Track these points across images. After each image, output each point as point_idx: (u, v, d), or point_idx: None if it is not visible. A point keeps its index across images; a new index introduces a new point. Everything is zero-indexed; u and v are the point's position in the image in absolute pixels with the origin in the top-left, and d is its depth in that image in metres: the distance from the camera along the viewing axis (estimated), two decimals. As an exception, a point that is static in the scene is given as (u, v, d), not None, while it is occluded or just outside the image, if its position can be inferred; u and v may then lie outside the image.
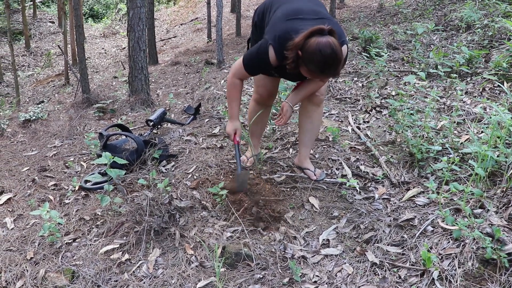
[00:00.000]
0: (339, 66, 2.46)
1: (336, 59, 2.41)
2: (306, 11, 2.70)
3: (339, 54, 2.41)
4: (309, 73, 2.53)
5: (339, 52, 2.41)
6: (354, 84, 5.24)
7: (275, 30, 2.65)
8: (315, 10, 2.72)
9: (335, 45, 2.40)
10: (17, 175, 4.05)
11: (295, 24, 2.57)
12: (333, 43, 2.39)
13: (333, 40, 2.41)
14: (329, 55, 2.39)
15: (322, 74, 2.50)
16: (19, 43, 16.72)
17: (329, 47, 2.38)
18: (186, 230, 2.82)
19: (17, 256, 2.76)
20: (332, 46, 2.38)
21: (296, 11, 2.70)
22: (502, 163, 2.85)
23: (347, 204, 2.95)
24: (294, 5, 2.77)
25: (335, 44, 2.40)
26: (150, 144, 3.73)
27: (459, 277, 2.15)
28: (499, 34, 5.67)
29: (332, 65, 2.43)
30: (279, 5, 2.85)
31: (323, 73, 2.49)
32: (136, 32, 5.87)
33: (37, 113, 6.11)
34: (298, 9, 2.72)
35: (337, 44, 2.41)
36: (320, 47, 2.39)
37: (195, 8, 21.21)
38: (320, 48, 2.39)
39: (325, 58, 2.39)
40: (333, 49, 2.38)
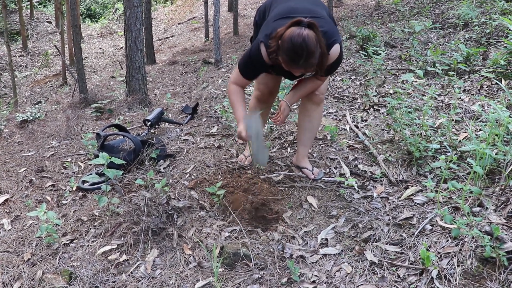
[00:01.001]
0: (311, 58, 2.45)
1: (306, 50, 2.40)
2: (301, 10, 2.70)
3: (310, 46, 2.40)
4: (283, 63, 2.55)
5: (310, 44, 2.40)
6: (352, 83, 5.24)
7: (266, 29, 2.68)
8: (311, 9, 2.72)
9: (309, 36, 2.40)
10: (14, 176, 4.04)
11: (286, 22, 2.57)
12: (307, 34, 2.40)
13: (309, 32, 2.41)
14: (298, 45, 2.39)
15: (293, 63, 2.50)
16: (16, 43, 16.68)
17: (300, 36, 2.39)
18: (184, 230, 2.81)
19: (14, 258, 2.75)
20: (304, 36, 2.39)
21: (290, 10, 2.71)
22: (500, 161, 2.84)
23: (345, 203, 2.94)
24: (290, 4, 2.78)
25: (308, 36, 2.40)
26: (148, 144, 3.72)
27: (458, 275, 2.14)
28: (496, 32, 5.66)
29: (301, 55, 2.43)
30: (277, 4, 2.87)
31: (293, 62, 2.49)
32: (133, 31, 5.85)
33: (35, 114, 6.10)
34: (292, 8, 2.73)
35: (311, 36, 2.41)
36: (292, 36, 2.41)
37: (192, 7, 21.20)
38: (292, 37, 2.41)
39: (294, 47, 2.41)
40: (304, 39, 2.39)
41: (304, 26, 2.43)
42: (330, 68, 2.76)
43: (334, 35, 2.64)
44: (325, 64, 2.62)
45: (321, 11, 2.78)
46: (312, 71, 2.70)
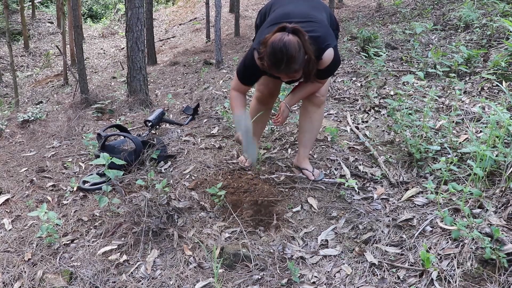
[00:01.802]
0: (291, 63, 2.47)
1: (286, 55, 2.43)
2: (296, 14, 2.73)
3: (290, 51, 2.42)
4: (267, 68, 2.58)
5: (290, 49, 2.42)
6: (353, 84, 5.24)
7: (260, 35, 2.71)
8: (307, 13, 2.74)
9: (290, 42, 2.42)
10: (15, 176, 4.04)
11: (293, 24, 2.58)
12: (288, 40, 2.42)
13: (291, 37, 2.44)
14: (279, 49, 2.43)
15: (274, 68, 2.53)
16: (18, 44, 16.71)
17: (281, 41, 2.42)
18: (185, 231, 2.81)
19: (15, 258, 2.75)
20: (285, 41, 2.42)
21: (284, 15, 2.74)
22: (501, 162, 2.84)
23: (345, 205, 2.94)
24: (286, 9, 2.81)
25: (289, 41, 2.42)
26: (148, 145, 3.72)
27: (458, 277, 2.14)
28: (497, 34, 5.66)
29: (281, 60, 2.45)
30: (275, 8, 2.91)
31: (275, 67, 2.52)
32: (134, 32, 5.86)
33: (36, 114, 6.10)
34: (287, 13, 2.75)
35: (293, 41, 2.43)
36: (273, 41, 2.45)
37: (193, 8, 21.21)
38: (273, 42, 2.45)
39: (275, 52, 2.44)
40: (284, 44, 2.41)
41: (288, 31, 2.46)
42: (326, 71, 2.78)
43: (327, 39, 2.65)
44: (313, 70, 2.65)
45: (319, 15, 2.79)
46: (299, 77, 2.72)
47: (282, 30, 2.48)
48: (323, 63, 2.68)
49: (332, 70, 2.82)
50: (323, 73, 2.80)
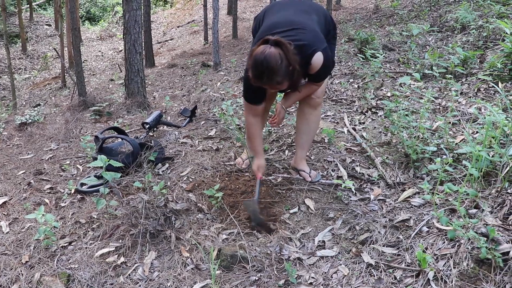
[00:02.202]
0: (273, 75, 2.50)
1: (267, 67, 2.47)
2: (282, 23, 2.75)
3: (271, 63, 2.45)
4: (251, 80, 2.61)
5: (271, 61, 2.45)
6: (350, 86, 5.25)
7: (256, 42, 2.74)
8: (293, 20, 2.75)
9: (270, 54, 2.45)
10: (12, 178, 4.04)
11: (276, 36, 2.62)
12: (268, 52, 2.46)
13: (272, 50, 2.47)
14: (259, 62, 2.47)
15: (257, 80, 2.57)
16: (16, 46, 16.70)
17: (262, 54, 2.46)
18: (182, 232, 2.82)
19: (12, 260, 2.75)
20: (265, 54, 2.45)
21: (272, 26, 2.77)
22: (497, 163, 2.85)
23: (342, 206, 2.95)
24: (274, 18, 2.85)
25: (270, 53, 2.45)
26: (146, 147, 3.73)
27: (454, 277, 2.15)
28: (493, 35, 5.68)
29: (262, 72, 2.49)
30: (268, 15, 2.98)
31: (257, 79, 2.56)
32: (132, 34, 5.87)
33: (33, 116, 6.10)
34: (275, 23, 2.78)
35: (273, 54, 2.46)
36: (256, 54, 2.49)
37: (191, 11, 21.24)
38: (255, 55, 2.49)
39: (256, 64, 2.49)
40: (265, 57, 2.45)
41: (271, 44, 2.49)
42: (318, 75, 2.80)
43: (314, 44, 2.67)
44: (298, 80, 2.68)
45: (307, 19, 2.80)
46: (286, 88, 2.74)
47: (266, 43, 2.51)
48: (313, 68, 2.71)
49: (325, 73, 2.84)
50: (317, 77, 2.83)
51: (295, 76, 2.59)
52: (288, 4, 3.00)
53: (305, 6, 2.95)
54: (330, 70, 2.89)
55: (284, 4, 3.04)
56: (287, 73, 2.53)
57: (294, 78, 2.60)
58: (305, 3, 3.02)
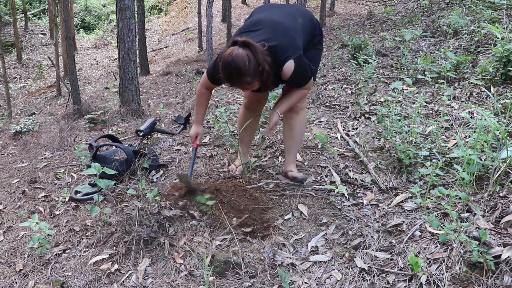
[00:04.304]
0: (242, 76, 2.54)
1: (235, 69, 2.51)
2: (264, 22, 2.79)
3: (238, 64, 2.49)
4: (222, 80, 2.69)
5: (238, 62, 2.49)
6: (343, 91, 5.27)
7: (229, 43, 2.76)
8: (274, 21, 2.78)
9: (237, 55, 2.49)
10: (7, 187, 4.04)
11: (247, 36, 2.66)
12: (236, 54, 2.50)
13: (240, 51, 2.50)
14: (227, 64, 2.52)
15: (227, 80, 2.63)
16: (11, 55, 16.72)
17: (230, 56, 2.51)
18: (176, 239, 2.82)
19: (6, 268, 2.75)
20: (233, 56, 2.50)
21: (254, 23, 2.81)
22: (489, 167, 2.87)
23: (335, 211, 2.96)
24: (259, 16, 2.89)
25: (237, 55, 2.49)
26: (140, 154, 3.74)
27: (446, 281, 2.16)
28: (485, 40, 5.73)
29: (230, 73, 2.55)
30: (254, 15, 3.03)
31: (227, 79, 2.62)
32: (126, 43, 5.88)
33: (28, 125, 6.11)
34: (257, 20, 2.82)
35: (241, 55, 2.50)
36: (223, 56, 2.55)
37: (186, 18, 21.30)
38: (223, 57, 2.55)
39: (224, 66, 2.55)
40: (232, 58, 2.49)
41: (239, 45, 2.53)
42: (296, 81, 2.86)
43: (288, 51, 2.69)
44: (268, 80, 2.68)
45: (290, 23, 2.81)
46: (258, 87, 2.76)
47: (234, 45, 2.55)
48: (284, 75, 2.74)
49: (301, 78, 2.87)
50: (295, 82, 2.88)
51: (265, 76, 2.61)
52: (276, 6, 3.06)
53: (292, 9, 3.00)
54: (306, 76, 2.89)
55: (272, 6, 3.11)
56: (256, 73, 2.57)
57: (263, 78, 2.63)
58: (293, 7, 3.07)
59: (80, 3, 22.84)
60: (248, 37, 2.62)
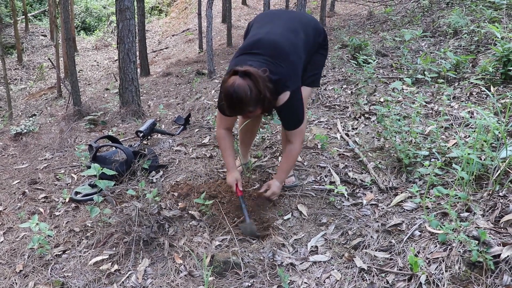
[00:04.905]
0: (244, 106, 2.52)
1: (236, 99, 2.48)
2: (265, 44, 2.72)
3: (240, 95, 2.47)
4: (225, 109, 2.64)
5: (240, 93, 2.47)
6: (343, 92, 5.27)
7: (230, 65, 2.76)
8: (276, 43, 2.71)
9: (239, 86, 2.46)
10: (7, 188, 4.05)
11: (243, 60, 2.65)
12: (237, 85, 2.47)
13: (241, 82, 2.47)
14: (229, 95, 2.49)
15: (229, 109, 2.60)
16: (12, 57, 16.74)
17: (232, 87, 2.48)
18: (175, 239, 2.82)
19: (6, 269, 2.76)
20: (234, 87, 2.47)
21: (254, 43, 2.75)
22: (488, 166, 2.87)
23: (335, 211, 2.96)
24: (259, 33, 2.80)
25: (238, 86, 2.46)
26: (140, 155, 3.74)
27: (446, 280, 2.16)
28: (485, 39, 5.72)
29: (233, 104, 2.53)
30: (255, 27, 2.97)
31: (229, 109, 2.59)
32: (126, 44, 5.89)
33: (29, 126, 6.11)
34: (258, 40, 2.75)
35: (241, 86, 2.47)
36: (225, 86, 2.52)
37: (186, 19, 21.31)
38: (225, 87, 2.52)
39: (226, 96, 2.52)
40: (234, 89, 2.46)
41: (240, 75, 2.50)
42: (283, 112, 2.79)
43: (288, 83, 2.67)
44: (270, 106, 2.67)
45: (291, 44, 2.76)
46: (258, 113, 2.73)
47: (235, 74, 2.52)
48: (277, 102, 2.70)
49: (290, 114, 2.80)
50: (283, 115, 2.82)
51: (267, 102, 2.59)
52: (278, 17, 2.96)
53: (295, 22, 2.92)
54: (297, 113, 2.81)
55: (274, 16, 3.01)
56: (258, 101, 2.55)
57: (265, 104, 2.61)
58: (296, 17, 2.99)
59: (80, 4, 22.86)
60: (248, 61, 2.61)
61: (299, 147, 2.92)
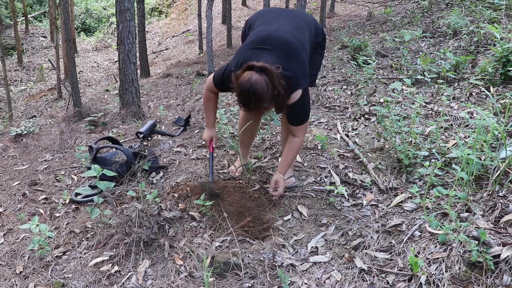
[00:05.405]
0: (260, 102, 2.51)
1: (254, 95, 2.47)
2: (276, 39, 2.72)
3: (257, 91, 2.46)
4: (239, 104, 2.64)
5: (257, 89, 2.46)
6: (343, 92, 5.28)
7: (239, 56, 2.74)
8: (287, 41, 2.72)
9: (256, 82, 2.45)
10: (7, 189, 4.05)
11: (256, 54, 2.64)
12: (255, 80, 2.45)
13: (258, 77, 2.46)
14: (246, 90, 2.47)
15: (243, 106, 2.59)
16: (12, 58, 16.75)
17: (249, 83, 2.46)
18: (176, 240, 2.83)
19: (6, 271, 2.76)
20: (251, 82, 2.45)
21: (264, 39, 2.74)
22: (488, 166, 2.87)
23: (335, 211, 2.96)
24: (268, 30, 2.80)
25: (256, 82, 2.45)
26: (140, 156, 3.74)
27: (446, 281, 2.16)
28: (485, 40, 5.73)
29: (249, 99, 2.51)
30: (259, 23, 2.95)
31: (244, 105, 2.59)
32: (126, 45, 5.89)
33: (29, 128, 6.12)
34: (267, 36, 2.74)
35: (259, 82, 2.46)
36: (241, 81, 2.50)
37: (186, 20, 21.32)
38: (241, 82, 2.50)
39: (242, 92, 2.50)
40: (251, 85, 2.45)
41: (256, 71, 2.49)
42: (294, 110, 2.79)
43: (299, 81, 2.68)
44: (284, 104, 2.67)
45: (300, 41, 2.78)
46: (271, 109, 2.75)
47: (251, 69, 2.51)
48: (290, 100, 2.71)
49: (300, 111, 2.83)
50: (293, 113, 2.82)
51: (280, 100, 2.60)
52: (282, 15, 2.97)
53: (298, 20, 2.94)
54: (305, 111, 2.87)
55: (278, 14, 3.02)
56: (273, 97, 2.55)
57: (279, 102, 2.61)
58: (298, 16, 3.01)
59: (80, 5, 22.86)
60: (260, 56, 2.60)
61: (302, 140, 2.98)
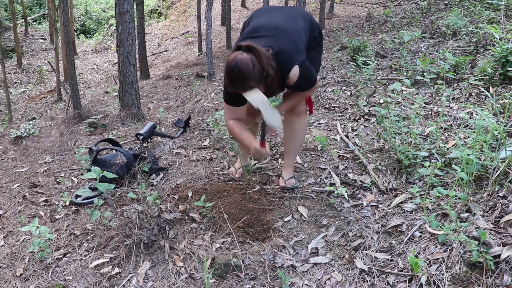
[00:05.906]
0: (246, 81, 2.51)
1: (238, 74, 2.48)
2: (266, 27, 2.76)
3: (242, 69, 2.47)
4: (227, 86, 2.65)
5: (242, 67, 2.47)
6: (343, 93, 5.28)
7: (233, 50, 2.74)
8: (276, 26, 2.75)
9: (242, 60, 2.47)
10: (7, 192, 4.05)
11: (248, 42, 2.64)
12: (240, 58, 2.48)
13: (244, 56, 2.48)
14: (231, 69, 2.50)
15: (231, 85, 2.59)
16: (11, 61, 16.74)
17: (234, 61, 2.48)
18: (176, 242, 2.82)
19: (7, 273, 2.76)
20: (237, 61, 2.47)
21: (256, 28, 2.77)
22: (488, 167, 2.87)
23: (335, 212, 2.96)
24: (258, 22, 2.85)
25: (241, 60, 2.47)
26: (140, 158, 3.74)
27: (446, 281, 2.16)
28: (484, 40, 5.73)
29: (234, 78, 2.52)
30: (254, 19, 2.99)
31: (231, 84, 2.58)
32: (125, 47, 5.90)
33: (28, 130, 6.12)
34: (259, 26, 2.78)
35: (245, 60, 2.48)
36: (228, 61, 2.52)
37: (186, 22, 21.33)
38: (227, 62, 2.53)
39: (228, 70, 2.52)
40: (236, 63, 2.47)
41: (243, 50, 2.52)
42: (299, 86, 2.81)
43: (292, 56, 2.67)
44: (273, 85, 2.67)
45: (291, 24, 2.80)
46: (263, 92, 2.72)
47: (238, 49, 2.54)
48: (290, 81, 2.73)
49: (305, 83, 2.83)
50: (299, 87, 2.85)
51: (269, 80, 2.60)
52: (275, 9, 3.03)
53: (292, 11, 2.98)
54: (311, 79, 2.85)
55: (271, 8, 3.08)
56: (261, 78, 2.55)
57: (268, 83, 2.61)
58: (293, 9, 3.04)
59: (80, 7, 22.87)
60: (256, 42, 2.60)
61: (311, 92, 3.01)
